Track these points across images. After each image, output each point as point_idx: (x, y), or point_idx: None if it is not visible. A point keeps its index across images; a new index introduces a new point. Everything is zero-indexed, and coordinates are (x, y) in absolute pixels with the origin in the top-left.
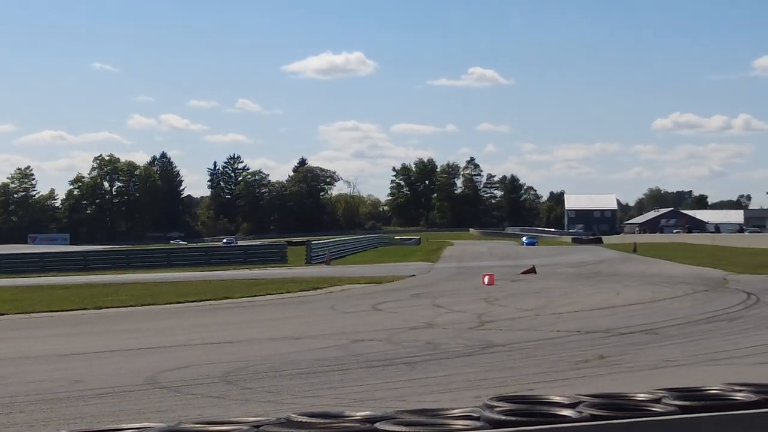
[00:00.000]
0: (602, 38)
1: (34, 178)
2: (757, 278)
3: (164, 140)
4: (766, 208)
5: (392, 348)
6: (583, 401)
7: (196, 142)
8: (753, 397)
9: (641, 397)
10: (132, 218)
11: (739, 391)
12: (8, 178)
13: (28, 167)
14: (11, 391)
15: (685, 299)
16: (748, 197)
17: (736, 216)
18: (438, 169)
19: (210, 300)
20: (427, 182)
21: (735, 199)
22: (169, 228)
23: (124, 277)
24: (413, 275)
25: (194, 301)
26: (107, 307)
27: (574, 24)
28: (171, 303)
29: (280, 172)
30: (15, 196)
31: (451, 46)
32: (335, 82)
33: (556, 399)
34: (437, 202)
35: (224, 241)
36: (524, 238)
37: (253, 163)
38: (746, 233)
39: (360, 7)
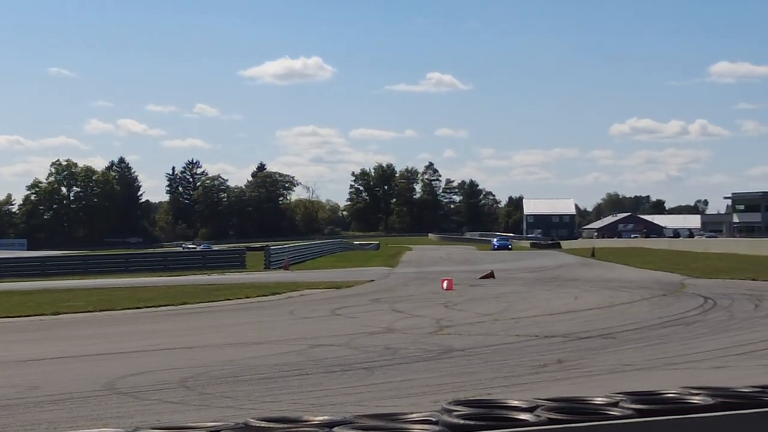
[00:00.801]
0: (560, 44)
1: None
2: (714, 282)
3: (122, 145)
4: (723, 213)
5: (351, 353)
6: (541, 405)
7: (154, 147)
8: (710, 401)
9: (599, 400)
10: (90, 224)
11: (696, 394)
12: None
13: None
14: None
15: (643, 304)
16: (705, 202)
17: (694, 221)
18: (397, 174)
19: (168, 305)
20: (386, 187)
21: (692, 204)
22: (128, 233)
23: (81, 283)
24: (372, 280)
25: (152, 307)
26: (65, 313)
27: (531, 30)
28: (129, 308)
29: (238, 177)
30: None
31: (410, 51)
32: (293, 87)
33: (515, 403)
34: (396, 207)
35: (201, 246)
36: (495, 240)
37: (211, 168)
38: (704, 237)
39: (317, 11)
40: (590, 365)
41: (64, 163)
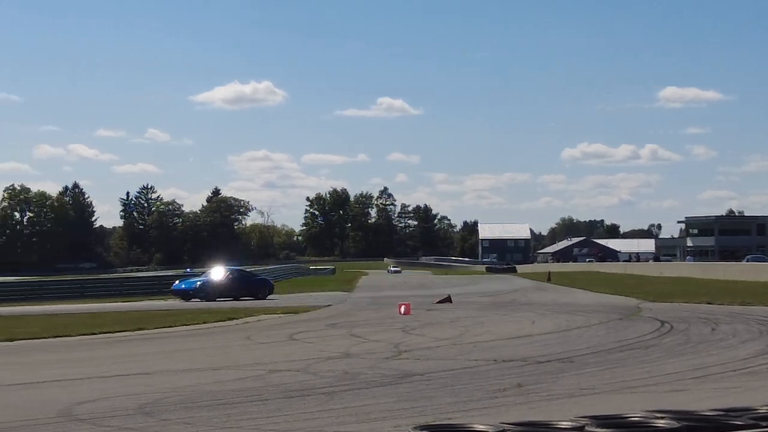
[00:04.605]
0: (510, 68)
1: None
2: (669, 306)
3: (73, 170)
4: (676, 237)
5: (310, 378)
6: (508, 430)
7: (106, 172)
8: (675, 424)
9: (564, 425)
10: (43, 249)
11: (660, 418)
12: None
13: None
14: None
15: (600, 327)
16: (659, 226)
17: (647, 245)
18: (351, 199)
19: (124, 331)
20: (341, 212)
21: (646, 228)
22: (81, 259)
23: (36, 309)
24: (329, 305)
25: (108, 333)
26: (19, 339)
27: (481, 54)
28: (84, 334)
29: (191, 201)
30: None
31: (360, 75)
32: (244, 111)
33: (481, 428)
34: (351, 232)
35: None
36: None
37: (164, 192)
38: (670, 261)
39: (267, 36)
40: (549, 389)
41: (18, 188)
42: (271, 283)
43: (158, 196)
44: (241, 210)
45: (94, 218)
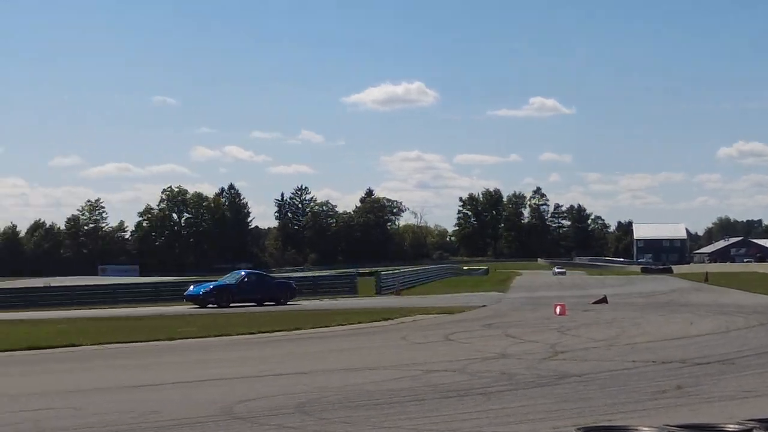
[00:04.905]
0: (663, 66)
1: (104, 211)
2: None
3: (228, 171)
4: None
5: (466, 379)
6: None
7: (260, 173)
8: None
9: (731, 428)
10: (200, 249)
11: None
12: (78, 210)
13: (98, 199)
14: (86, 422)
15: (761, 329)
16: None
17: None
18: (504, 199)
19: (282, 331)
20: (493, 212)
21: None
22: (237, 259)
23: (195, 308)
24: (484, 305)
25: (266, 332)
26: (178, 338)
27: (634, 53)
28: (242, 334)
29: (344, 202)
30: (85, 228)
31: (511, 75)
32: (395, 112)
33: (645, 429)
34: (504, 232)
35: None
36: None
37: (318, 193)
38: None
39: (418, 37)
40: (710, 391)
41: (176, 189)
42: (294, 287)
43: (312, 197)
44: (394, 210)
45: (249, 219)
